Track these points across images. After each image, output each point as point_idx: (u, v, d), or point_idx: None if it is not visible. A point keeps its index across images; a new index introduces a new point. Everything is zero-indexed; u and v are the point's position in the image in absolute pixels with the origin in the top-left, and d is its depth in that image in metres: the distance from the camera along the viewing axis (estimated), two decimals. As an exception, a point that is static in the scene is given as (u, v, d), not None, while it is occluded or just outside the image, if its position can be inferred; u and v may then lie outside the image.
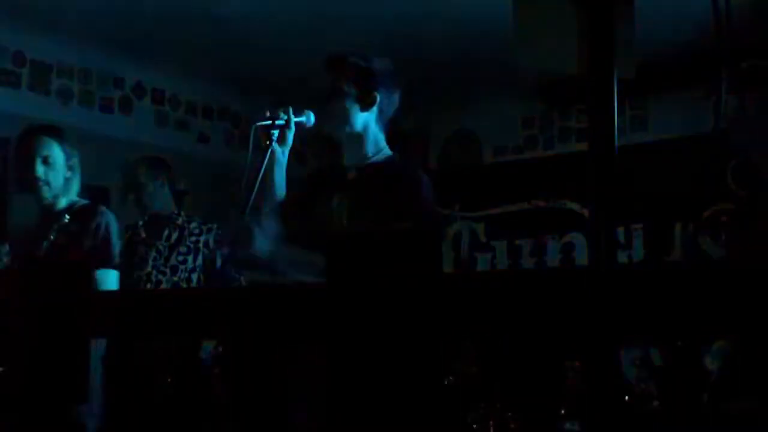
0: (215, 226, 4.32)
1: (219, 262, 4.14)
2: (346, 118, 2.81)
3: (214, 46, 5.29)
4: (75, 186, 3.53)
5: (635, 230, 5.92)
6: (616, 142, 1.56)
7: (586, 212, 6.03)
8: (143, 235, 4.24)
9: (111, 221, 3.43)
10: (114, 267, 3.35)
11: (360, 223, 2.65)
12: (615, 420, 1.37)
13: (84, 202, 3.52)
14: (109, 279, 3.31)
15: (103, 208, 3.49)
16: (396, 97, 2.90)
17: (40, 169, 3.37)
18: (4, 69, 5.08)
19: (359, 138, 2.84)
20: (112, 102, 5.62)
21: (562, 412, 2.97)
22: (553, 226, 6.36)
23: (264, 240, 2.68)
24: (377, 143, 2.86)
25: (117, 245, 3.45)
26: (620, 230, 5.83)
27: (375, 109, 2.82)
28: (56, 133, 3.49)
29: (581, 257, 6.12)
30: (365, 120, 2.83)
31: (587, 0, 1.59)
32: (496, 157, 6.65)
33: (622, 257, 5.65)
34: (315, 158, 3.10)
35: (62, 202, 3.46)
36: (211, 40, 5.19)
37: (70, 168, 3.49)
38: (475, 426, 2.95)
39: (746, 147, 2.55)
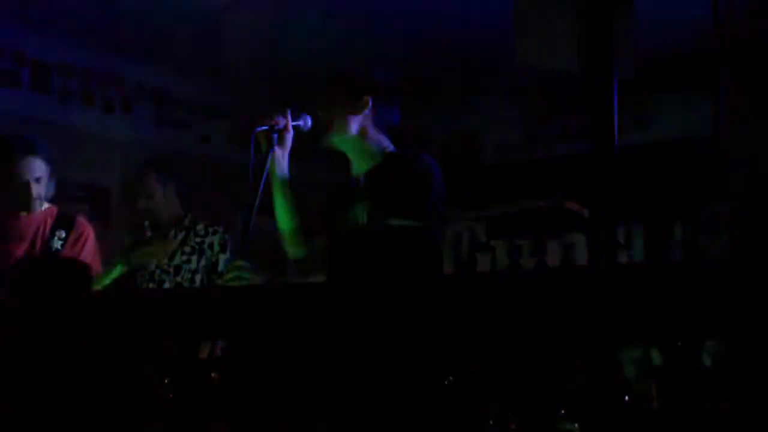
0: (221, 229, 4.34)
1: (222, 266, 4.15)
2: (340, 124, 2.84)
3: (213, 46, 5.29)
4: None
5: (635, 230, 5.92)
6: (616, 142, 1.56)
7: (586, 212, 6.03)
8: (149, 234, 4.25)
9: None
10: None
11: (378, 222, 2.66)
12: (615, 420, 1.37)
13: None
14: None
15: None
16: (395, 105, 2.92)
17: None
18: (4, 69, 5.08)
19: (358, 143, 2.85)
20: (112, 102, 5.62)
21: (562, 412, 2.97)
22: (553, 226, 6.35)
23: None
24: (380, 146, 2.86)
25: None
26: (620, 230, 5.83)
27: (369, 112, 2.84)
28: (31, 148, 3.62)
29: (581, 257, 6.12)
30: (360, 124, 2.84)
31: (587, 0, 1.59)
32: (496, 157, 6.65)
33: (622, 257, 5.64)
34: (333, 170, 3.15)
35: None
36: (210, 40, 5.19)
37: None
38: (475, 426, 2.95)
39: (744, 148, 2.55)
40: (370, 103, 2.83)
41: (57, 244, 3.59)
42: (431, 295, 1.14)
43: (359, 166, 2.89)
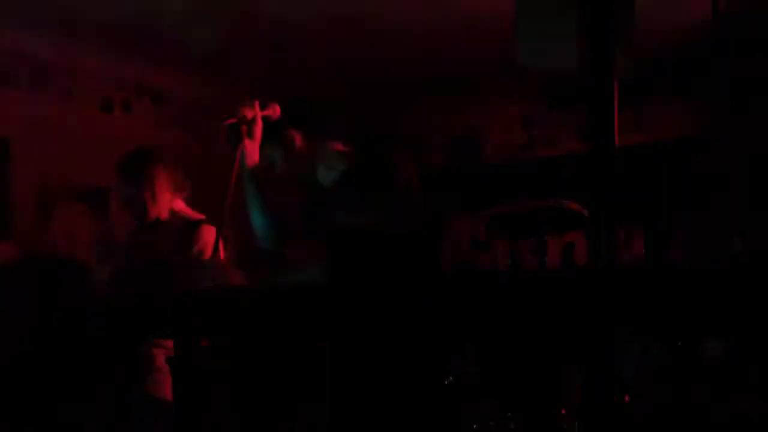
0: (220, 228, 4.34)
1: None
2: (294, 161, 2.88)
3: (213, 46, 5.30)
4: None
5: (635, 230, 5.92)
6: (616, 142, 1.56)
7: (586, 212, 6.03)
8: (148, 235, 4.25)
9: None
10: None
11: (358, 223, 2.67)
12: (615, 420, 1.37)
13: None
14: None
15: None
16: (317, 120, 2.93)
17: None
18: (4, 69, 5.08)
19: (313, 167, 2.88)
20: (112, 102, 5.62)
21: (562, 412, 2.97)
22: (553, 226, 6.35)
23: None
24: (339, 152, 2.88)
25: None
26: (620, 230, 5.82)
27: (303, 138, 2.86)
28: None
29: (581, 257, 6.12)
30: (307, 152, 2.87)
31: (587, 0, 1.59)
32: (496, 157, 6.65)
33: (622, 257, 5.63)
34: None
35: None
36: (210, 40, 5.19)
37: None
38: (475, 426, 2.96)
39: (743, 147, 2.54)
40: (297, 137, 2.85)
41: (169, 255, 3.56)
42: (431, 296, 1.14)
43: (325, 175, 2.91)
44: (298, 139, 2.90)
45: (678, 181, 5.60)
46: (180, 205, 3.81)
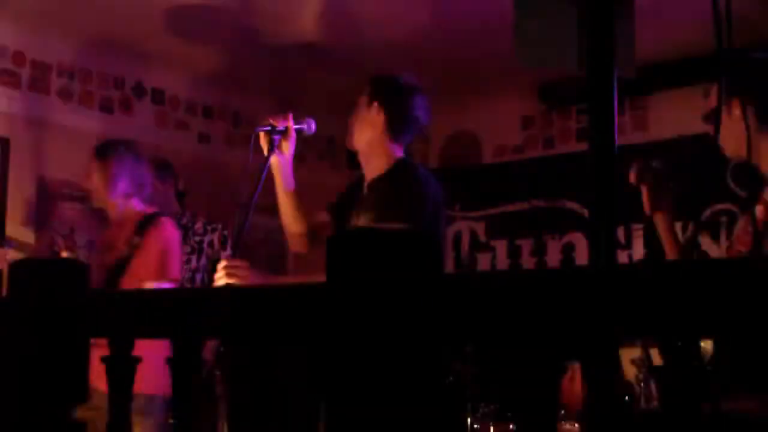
0: (220, 226, 4.34)
1: None
2: (355, 131, 2.85)
3: (213, 46, 5.30)
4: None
5: (635, 230, 5.91)
6: (616, 142, 1.56)
7: (586, 212, 6.03)
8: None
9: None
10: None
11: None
12: (615, 420, 1.37)
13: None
14: None
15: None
16: (413, 109, 2.88)
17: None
18: (4, 69, 5.08)
19: (369, 150, 2.85)
20: (112, 102, 5.62)
21: (562, 412, 2.97)
22: (553, 226, 6.35)
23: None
24: (390, 156, 2.85)
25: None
26: (620, 230, 5.82)
27: (383, 119, 2.83)
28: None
29: (581, 257, 6.12)
30: (374, 131, 2.84)
31: (587, 0, 1.59)
32: (496, 157, 6.65)
33: (622, 257, 5.64)
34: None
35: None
36: (211, 40, 5.19)
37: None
38: (475, 426, 2.96)
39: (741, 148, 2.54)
40: (381, 110, 2.83)
41: (129, 251, 3.55)
42: (430, 296, 1.14)
43: (369, 173, 2.89)
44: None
45: (679, 180, 5.59)
46: (136, 202, 3.79)
